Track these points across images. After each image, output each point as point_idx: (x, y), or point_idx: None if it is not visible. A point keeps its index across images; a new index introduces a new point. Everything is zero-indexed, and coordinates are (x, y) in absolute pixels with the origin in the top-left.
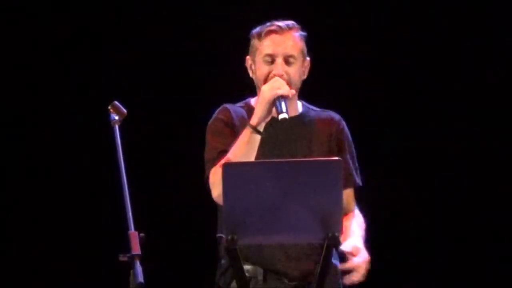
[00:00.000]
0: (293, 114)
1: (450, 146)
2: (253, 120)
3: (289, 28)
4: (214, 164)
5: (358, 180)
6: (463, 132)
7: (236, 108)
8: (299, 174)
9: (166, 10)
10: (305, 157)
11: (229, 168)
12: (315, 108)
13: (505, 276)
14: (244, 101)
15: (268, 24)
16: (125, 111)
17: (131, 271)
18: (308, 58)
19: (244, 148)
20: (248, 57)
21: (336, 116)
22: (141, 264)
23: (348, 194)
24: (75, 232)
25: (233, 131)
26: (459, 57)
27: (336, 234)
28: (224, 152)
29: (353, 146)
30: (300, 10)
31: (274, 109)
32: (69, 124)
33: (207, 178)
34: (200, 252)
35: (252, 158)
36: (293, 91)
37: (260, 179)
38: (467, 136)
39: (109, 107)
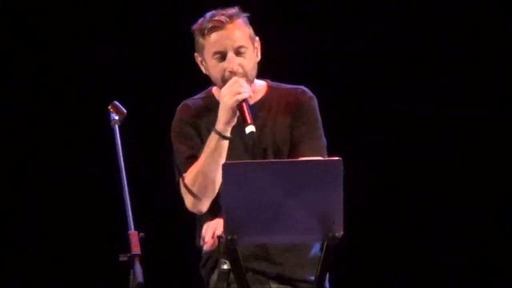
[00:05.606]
0: (255, 100)
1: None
2: (219, 126)
3: (231, 18)
4: (184, 170)
5: (324, 153)
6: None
7: (197, 102)
8: (299, 174)
9: (166, 10)
10: (274, 149)
11: (229, 168)
12: (279, 87)
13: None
14: (206, 91)
15: (207, 16)
16: (125, 111)
17: (131, 271)
18: (257, 38)
19: (212, 155)
20: (196, 54)
21: (298, 91)
22: (141, 264)
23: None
24: (75, 232)
25: (196, 129)
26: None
27: (336, 234)
28: (193, 157)
29: (317, 118)
30: None
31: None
32: (69, 124)
33: (178, 185)
34: (200, 252)
35: (221, 162)
36: (252, 87)
37: (260, 179)
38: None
39: (109, 107)
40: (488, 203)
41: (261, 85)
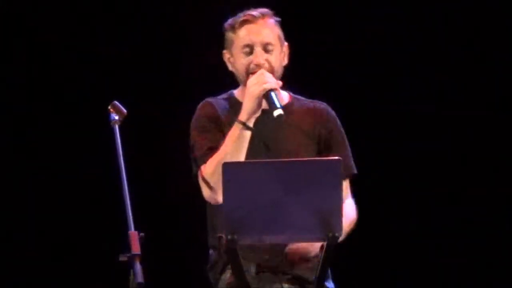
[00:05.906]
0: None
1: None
2: (242, 116)
3: (263, 15)
4: (203, 161)
5: (353, 168)
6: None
7: (219, 101)
8: (299, 174)
9: (166, 10)
10: (293, 150)
11: (229, 168)
12: (301, 98)
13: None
14: (227, 93)
15: (240, 14)
16: (125, 111)
17: (131, 271)
18: (286, 43)
19: (234, 145)
20: (225, 51)
21: (322, 105)
22: (141, 264)
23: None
24: (75, 232)
25: (218, 126)
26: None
27: (336, 234)
28: (213, 149)
29: (343, 133)
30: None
31: (263, 103)
32: (69, 124)
33: (196, 176)
34: (200, 252)
35: (243, 154)
36: (280, 82)
37: (260, 179)
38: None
39: (109, 107)
40: (488, 203)
41: (284, 93)
